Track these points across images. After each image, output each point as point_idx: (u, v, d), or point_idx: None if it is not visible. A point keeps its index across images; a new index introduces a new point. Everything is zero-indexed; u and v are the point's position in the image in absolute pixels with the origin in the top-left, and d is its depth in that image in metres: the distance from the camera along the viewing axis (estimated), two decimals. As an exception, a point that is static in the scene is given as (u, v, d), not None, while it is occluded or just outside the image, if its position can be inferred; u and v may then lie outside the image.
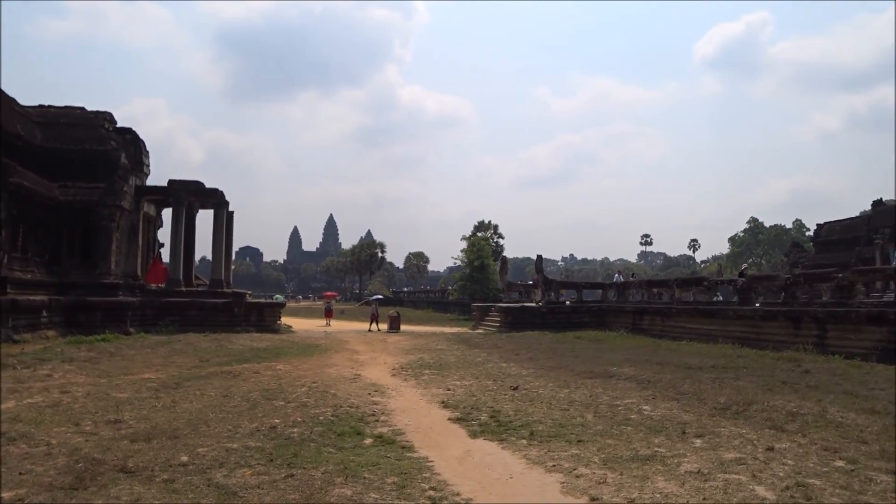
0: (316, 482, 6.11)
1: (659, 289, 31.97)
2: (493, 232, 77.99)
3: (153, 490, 5.78)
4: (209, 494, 5.69)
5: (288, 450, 7.40)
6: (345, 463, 6.82)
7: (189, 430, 8.41)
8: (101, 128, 28.85)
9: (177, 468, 6.54)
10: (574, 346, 22.86)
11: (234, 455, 7.13)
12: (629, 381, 13.33)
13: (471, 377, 14.56)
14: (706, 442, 7.92)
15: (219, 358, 17.99)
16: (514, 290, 43.76)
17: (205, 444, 7.62)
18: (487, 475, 6.62)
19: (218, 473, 6.38)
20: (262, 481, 6.11)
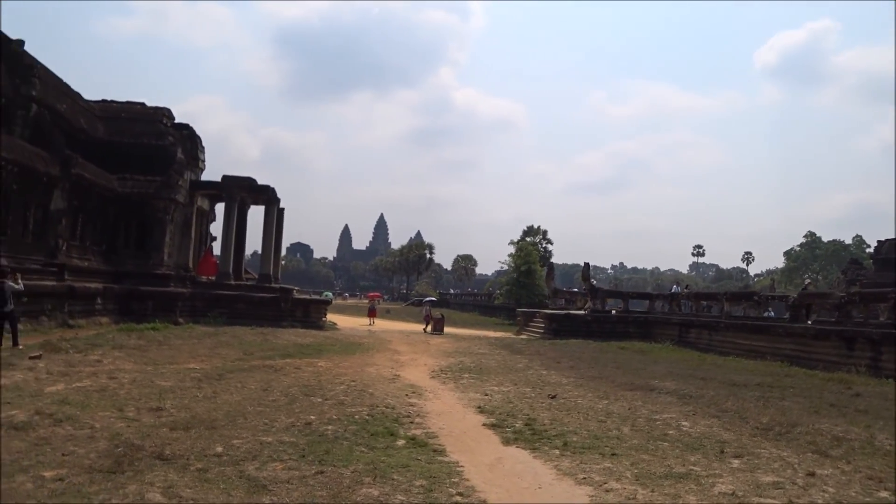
0: (345, 481, 6.16)
1: (708, 301, 31.29)
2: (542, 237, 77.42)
3: (186, 478, 5.91)
4: (240, 486, 5.80)
5: (320, 446, 7.49)
6: (375, 463, 6.87)
7: (227, 422, 8.58)
8: (160, 123, 29.68)
9: (211, 458, 6.67)
10: (617, 356, 22.55)
11: (268, 448, 7.25)
12: (670, 396, 13.09)
13: (509, 383, 14.49)
14: (744, 463, 7.72)
15: (262, 352, 18.30)
16: (560, 297, 43.40)
17: (240, 436, 7.77)
18: (516, 484, 6.58)
19: (250, 466, 6.49)
20: (292, 476, 6.20)
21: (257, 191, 32.77)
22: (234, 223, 32.13)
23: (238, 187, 31.94)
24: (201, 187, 31.81)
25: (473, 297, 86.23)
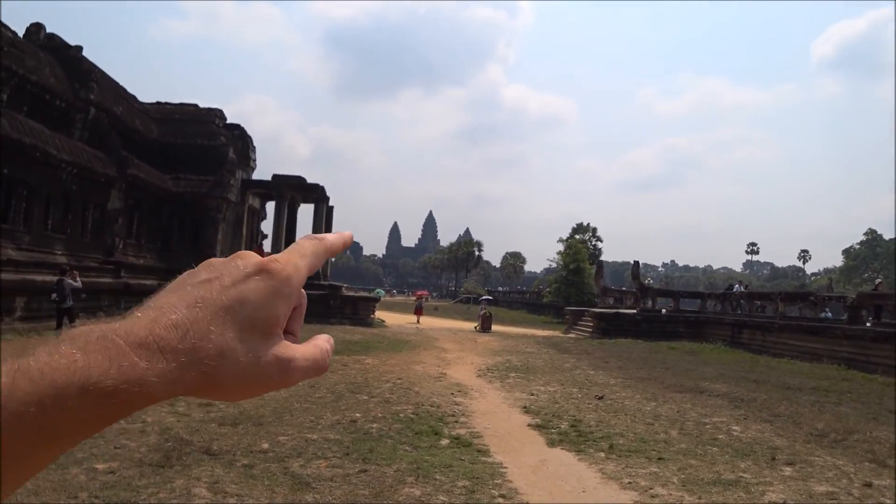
0: (387, 479, 6.19)
1: (762, 301, 30.50)
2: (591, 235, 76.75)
3: (232, 474, 6.02)
4: (284, 483, 5.87)
5: (365, 444, 7.54)
6: (418, 462, 6.88)
7: (273, 418, 8.71)
8: (212, 124, 30.38)
9: (257, 454, 6.78)
10: (667, 357, 22.15)
11: (313, 446, 7.33)
12: (721, 399, 12.78)
13: (556, 383, 14.35)
14: (797, 471, 7.48)
15: (311, 348, 18.51)
16: (610, 296, 42.85)
17: (286, 433, 7.87)
18: (560, 487, 6.51)
19: (295, 463, 6.57)
20: (335, 474, 6.25)
21: (307, 189, 33.23)
22: (284, 221, 32.65)
23: (288, 186, 32.45)
24: (252, 186, 32.41)
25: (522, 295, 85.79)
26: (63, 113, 23.11)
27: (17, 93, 20.99)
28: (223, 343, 0.44)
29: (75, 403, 0.38)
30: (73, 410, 0.38)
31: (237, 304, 0.46)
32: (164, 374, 0.41)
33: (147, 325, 0.43)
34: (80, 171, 21.39)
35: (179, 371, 0.42)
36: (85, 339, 0.41)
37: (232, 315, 0.45)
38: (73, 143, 21.77)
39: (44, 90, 22.22)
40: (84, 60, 24.49)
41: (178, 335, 0.43)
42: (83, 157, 21.61)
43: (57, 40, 24.71)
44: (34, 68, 21.90)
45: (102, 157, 22.89)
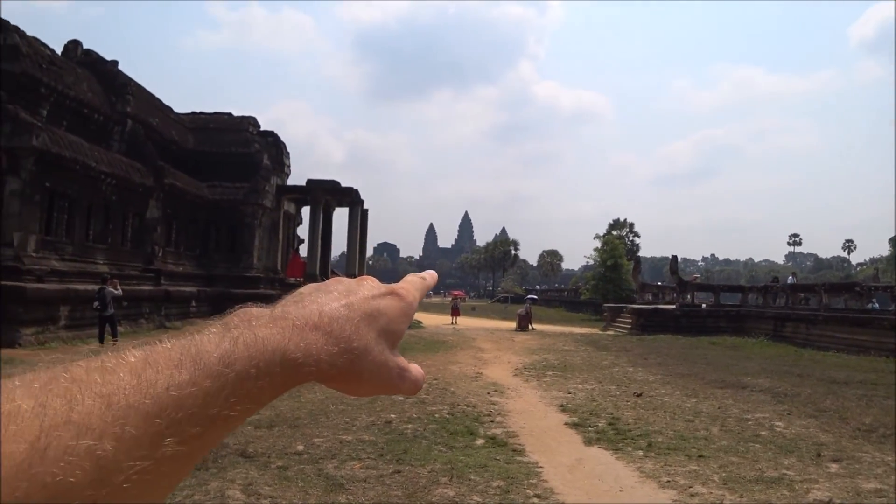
0: (421, 480, 6.16)
1: (805, 293, 29.79)
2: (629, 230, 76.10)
3: (266, 476, 6.05)
4: (317, 485, 5.88)
5: (399, 445, 7.52)
6: (453, 462, 6.83)
7: (309, 420, 8.75)
8: (246, 131, 30.80)
9: (292, 456, 6.82)
10: (707, 352, 21.75)
11: (347, 447, 7.34)
12: (763, 394, 12.48)
13: (594, 381, 14.18)
14: (843, 467, 7.23)
15: (347, 351, 18.60)
16: (648, 291, 42.33)
17: (321, 435, 7.90)
18: (596, 486, 6.40)
19: (329, 464, 6.58)
20: (369, 475, 6.24)
21: (341, 193, 33.46)
22: (320, 225, 32.92)
23: (322, 190, 32.71)
24: (287, 191, 32.76)
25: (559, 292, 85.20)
26: (101, 126, 23.64)
27: (57, 108, 21.51)
28: (367, 341, 0.51)
29: (276, 370, 0.43)
30: (273, 377, 0.43)
31: (377, 314, 0.53)
32: (330, 355, 0.48)
33: (315, 312, 0.49)
34: (118, 182, 21.84)
35: (338, 355, 0.48)
36: (269, 317, 0.46)
37: (372, 322, 0.52)
38: (112, 155, 22.25)
39: (82, 105, 22.75)
40: (120, 74, 25.02)
41: (339, 325, 0.49)
42: (121, 169, 22.06)
43: (93, 56, 25.29)
44: (72, 84, 22.42)
45: (140, 167, 23.34)
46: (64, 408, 0.33)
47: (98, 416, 0.34)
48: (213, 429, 0.39)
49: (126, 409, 0.35)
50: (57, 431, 0.32)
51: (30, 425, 0.32)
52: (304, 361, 0.45)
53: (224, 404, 0.39)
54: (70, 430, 0.32)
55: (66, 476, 0.31)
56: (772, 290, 32.79)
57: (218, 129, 30.61)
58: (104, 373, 0.36)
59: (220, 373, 0.40)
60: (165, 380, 0.37)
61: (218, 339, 0.42)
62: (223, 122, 31.12)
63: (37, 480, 0.30)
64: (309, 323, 0.47)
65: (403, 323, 0.56)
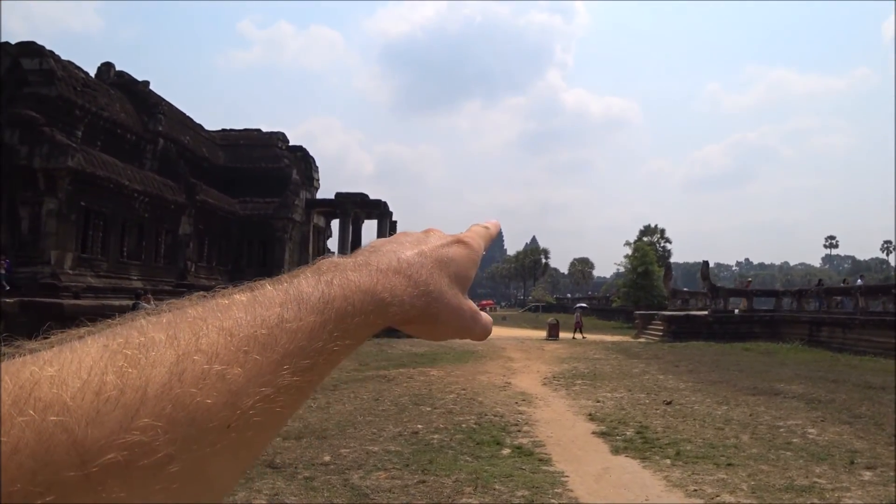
0: (446, 490, 6.19)
1: (841, 297, 29.19)
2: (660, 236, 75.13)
3: (293, 486, 6.13)
4: (343, 494, 5.95)
5: (425, 456, 7.56)
6: (478, 473, 6.85)
7: (337, 431, 8.84)
8: (276, 147, 31.29)
9: (318, 467, 6.90)
10: (740, 358, 21.41)
11: (374, 458, 7.40)
12: (797, 400, 12.27)
13: (623, 389, 14.07)
14: (877, 475, 7.09)
15: (377, 362, 18.71)
16: (679, 298, 41.82)
17: (348, 446, 7.97)
18: (622, 495, 6.37)
19: (355, 475, 6.64)
20: (394, 485, 6.29)
21: (370, 205, 33.74)
22: (350, 237, 33.22)
23: (351, 203, 33.02)
24: (316, 205, 33.14)
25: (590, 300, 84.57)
26: (134, 145, 24.20)
27: (91, 129, 22.08)
28: (442, 285, 0.54)
29: (369, 309, 0.46)
30: (367, 315, 0.46)
31: (447, 260, 0.56)
32: (411, 297, 0.50)
33: (394, 259, 0.52)
34: (151, 200, 22.32)
35: (418, 297, 0.51)
36: (354, 264, 0.49)
37: (444, 268, 0.55)
38: (145, 174, 22.76)
39: (115, 125, 23.32)
40: (152, 94, 25.62)
41: (416, 270, 0.52)
42: (154, 186, 22.55)
43: (126, 77, 25.95)
44: (106, 105, 23.02)
45: (172, 185, 23.84)
46: (192, 338, 0.36)
47: (224, 345, 0.37)
48: (320, 362, 0.42)
49: (246, 339, 0.38)
50: (192, 357, 0.35)
51: (166, 353, 0.35)
52: (392, 302, 0.48)
53: (328, 338, 0.42)
54: (202, 357, 0.35)
55: (204, 398, 0.34)
56: (806, 294, 32.19)
57: (248, 146, 31.14)
58: (221, 309, 0.40)
59: (322, 309, 0.43)
60: (276, 316, 0.40)
61: (314, 282, 0.45)
62: (253, 139, 31.64)
63: (178, 401, 0.33)
64: (391, 267, 0.50)
65: (471, 269, 0.59)
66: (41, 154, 18.89)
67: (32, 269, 18.80)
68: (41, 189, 18.99)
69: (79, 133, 21.21)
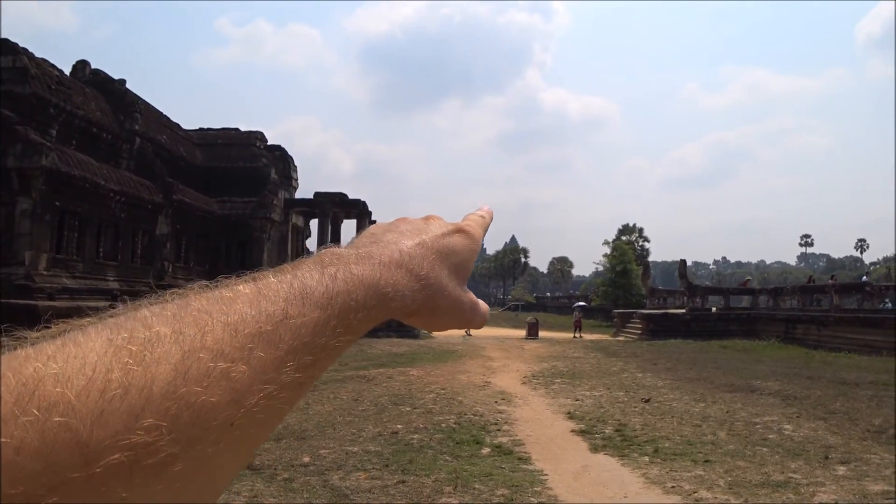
0: (425, 490, 6.19)
1: (816, 294, 29.61)
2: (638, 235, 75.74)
3: (272, 488, 6.10)
4: (323, 495, 5.93)
5: (405, 456, 7.56)
6: (458, 472, 6.86)
7: (316, 432, 8.81)
8: (254, 146, 31.10)
9: (298, 468, 6.87)
10: (717, 356, 21.65)
11: (354, 458, 7.38)
12: (773, 397, 12.43)
13: (602, 387, 14.17)
14: (851, 470, 7.21)
15: (357, 362, 18.64)
16: (658, 296, 42.19)
17: (328, 446, 7.95)
18: (601, 493, 6.42)
19: (335, 475, 6.63)
20: (374, 485, 6.28)
21: (349, 205, 33.64)
22: (328, 237, 33.08)
23: (330, 202, 32.90)
24: (295, 205, 32.96)
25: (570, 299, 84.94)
26: (110, 144, 23.91)
27: (66, 128, 21.79)
28: (442, 277, 0.54)
29: (372, 303, 0.46)
30: (369, 310, 0.46)
31: (448, 251, 0.56)
32: (412, 290, 0.50)
33: (395, 251, 0.51)
34: (128, 200, 22.07)
35: (419, 291, 0.51)
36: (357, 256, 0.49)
37: (444, 259, 0.55)
38: (121, 173, 22.50)
39: (91, 124, 23.03)
40: (128, 93, 25.33)
41: (417, 263, 0.52)
42: (130, 186, 22.30)
43: (102, 75, 25.63)
44: (81, 104, 22.72)
45: (149, 184, 23.59)
46: (198, 334, 0.36)
47: (228, 342, 0.36)
48: (321, 358, 0.42)
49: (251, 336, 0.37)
50: (197, 354, 0.35)
51: (171, 349, 0.34)
52: (393, 296, 0.48)
53: (331, 334, 0.42)
54: (207, 354, 0.35)
55: (208, 396, 0.34)
56: (782, 293, 32.62)
57: (226, 145, 30.91)
58: (225, 303, 0.39)
59: (326, 305, 0.42)
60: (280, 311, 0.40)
61: (319, 276, 0.44)
62: (231, 138, 31.41)
63: (183, 400, 0.33)
64: (393, 261, 0.50)
65: (471, 259, 0.59)
66: (15, 153, 18.61)
67: (6, 271, 18.51)
68: (15, 189, 18.70)
69: (53, 132, 20.91)
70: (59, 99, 21.22)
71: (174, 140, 28.25)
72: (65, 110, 21.50)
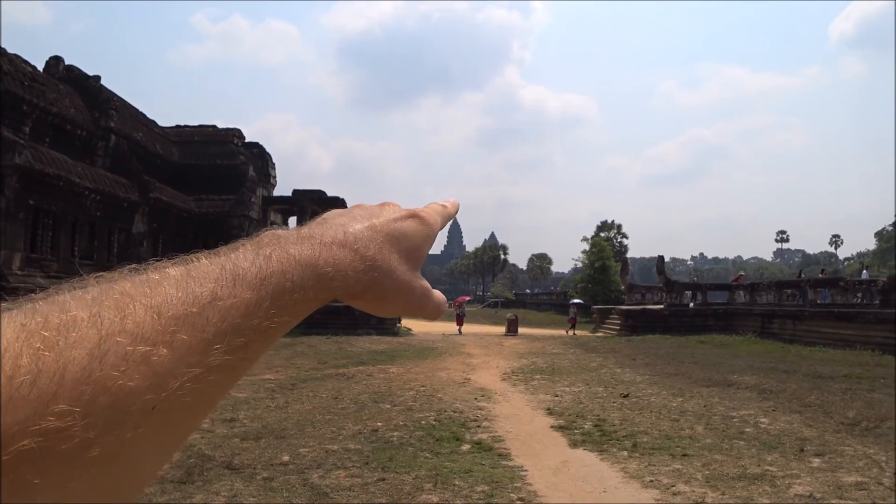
0: (405, 487, 6.19)
1: (792, 290, 30.02)
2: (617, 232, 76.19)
3: (251, 487, 6.07)
4: (302, 494, 5.91)
5: (385, 453, 7.55)
6: (438, 469, 6.87)
7: (296, 431, 8.76)
8: (231, 143, 30.84)
9: (277, 467, 6.84)
10: (695, 351, 21.87)
11: (333, 456, 7.36)
12: (749, 391, 12.59)
13: (581, 383, 14.25)
14: (826, 462, 7.33)
15: (336, 360, 18.60)
16: (637, 292, 42.49)
17: (307, 445, 7.92)
18: (580, 488, 6.46)
19: (314, 474, 6.60)
20: (354, 483, 6.27)
21: (327, 203, 33.45)
22: (307, 235, 33.00)
23: (308, 200, 32.73)
24: (274, 202, 32.77)
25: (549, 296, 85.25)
26: (85, 142, 23.59)
27: (39, 125, 21.46)
28: (391, 261, 0.52)
29: (309, 284, 0.45)
30: (306, 290, 0.44)
31: (399, 236, 0.54)
32: (356, 271, 0.49)
33: (340, 232, 0.50)
34: (103, 198, 21.79)
35: (364, 273, 0.50)
36: (297, 237, 0.48)
37: (395, 244, 0.53)
38: (96, 171, 22.21)
39: (65, 121, 22.70)
40: (103, 89, 25.00)
41: (364, 244, 0.51)
42: (106, 184, 22.02)
43: (76, 71, 25.26)
44: (55, 100, 22.39)
45: (125, 182, 23.31)
46: (118, 318, 0.35)
47: (150, 325, 0.35)
48: (255, 340, 0.40)
49: (175, 318, 0.36)
50: (115, 338, 0.34)
51: (88, 333, 0.33)
52: (334, 276, 0.47)
53: (264, 315, 0.41)
54: (126, 338, 0.34)
55: (126, 380, 0.33)
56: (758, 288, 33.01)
57: (203, 142, 30.62)
58: (151, 285, 0.38)
59: (258, 286, 0.41)
60: (209, 293, 0.39)
61: (252, 256, 0.43)
62: (208, 135, 31.11)
63: (99, 385, 0.32)
64: (336, 240, 0.49)
65: (425, 245, 0.57)
66: (-14, 151, 18.30)
67: (-22, 270, 18.19)
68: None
69: (27, 129, 20.57)
70: (32, 95, 20.89)
71: (150, 137, 27.93)
72: (38, 107, 21.17)
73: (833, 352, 20.53)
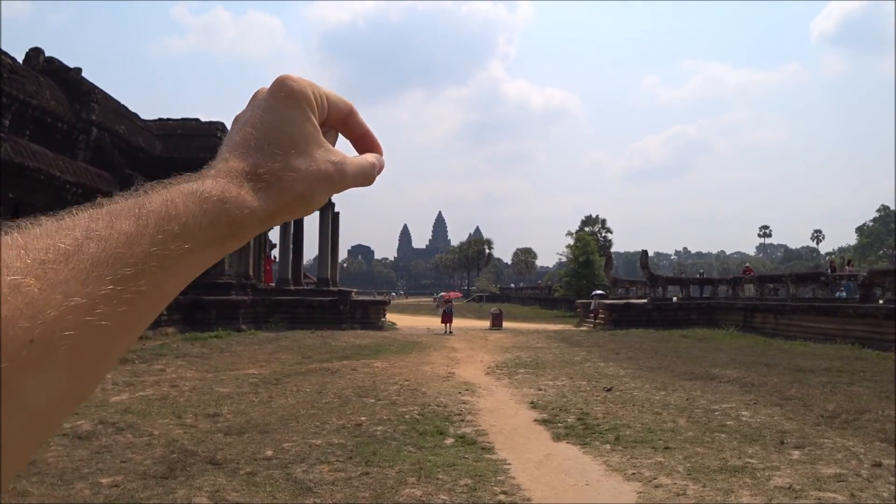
0: (389, 481, 6.20)
1: (774, 284, 30.29)
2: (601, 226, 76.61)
3: (234, 482, 6.05)
4: (286, 489, 5.90)
5: (368, 447, 7.55)
6: (421, 463, 6.88)
7: (279, 426, 8.74)
8: (214, 137, 30.52)
9: (260, 462, 6.81)
10: (678, 345, 22.02)
11: (317, 451, 7.35)
12: (731, 384, 12.70)
13: (565, 377, 14.32)
14: (805, 454, 7.41)
15: (320, 355, 18.57)
16: (620, 286, 42.69)
17: (291, 440, 7.90)
18: (563, 481, 6.50)
19: (298, 468, 6.59)
20: (337, 478, 6.27)
21: (311, 196, 33.36)
22: (291, 229, 32.82)
23: (292, 194, 32.58)
24: (257, 196, 32.57)
25: (534, 290, 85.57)
26: (66, 135, 23.31)
27: (19, 118, 21.18)
28: (285, 162, 0.51)
29: (205, 208, 0.46)
30: (193, 215, 0.45)
31: (276, 128, 0.53)
32: (263, 198, 0.50)
33: (224, 151, 0.53)
34: (85, 192, 21.53)
35: (270, 191, 0.50)
36: (183, 176, 0.49)
37: (276, 139, 0.52)
38: (77, 165, 21.95)
39: (45, 113, 22.42)
40: (84, 82, 24.69)
41: (253, 166, 0.51)
42: (87, 178, 21.78)
43: (56, 63, 24.92)
44: (35, 93, 22.09)
45: (107, 176, 23.05)
46: None
47: (16, 257, 0.35)
48: (150, 269, 0.40)
49: (44, 249, 0.37)
50: None
51: None
52: (223, 199, 0.47)
53: (151, 242, 0.41)
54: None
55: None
56: (741, 282, 33.24)
57: (186, 136, 30.31)
58: (27, 228, 0.38)
59: (137, 214, 0.41)
60: (83, 227, 0.39)
61: (127, 194, 0.44)
62: (191, 128, 30.81)
63: None
64: (221, 168, 0.50)
65: (303, 120, 0.55)
66: (-36, 143, 18.05)
67: (-44, 264, 17.83)
68: (-35, 180, 18.15)
69: (6, 122, 20.30)
70: (11, 87, 20.60)
71: (132, 130, 27.64)
72: (18, 99, 20.88)
73: (814, 345, 20.75)
